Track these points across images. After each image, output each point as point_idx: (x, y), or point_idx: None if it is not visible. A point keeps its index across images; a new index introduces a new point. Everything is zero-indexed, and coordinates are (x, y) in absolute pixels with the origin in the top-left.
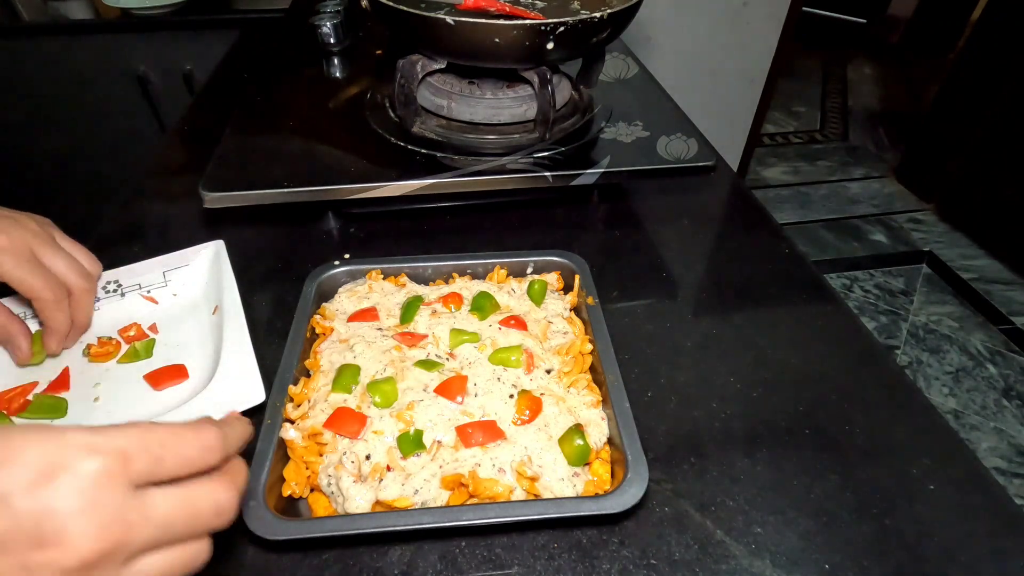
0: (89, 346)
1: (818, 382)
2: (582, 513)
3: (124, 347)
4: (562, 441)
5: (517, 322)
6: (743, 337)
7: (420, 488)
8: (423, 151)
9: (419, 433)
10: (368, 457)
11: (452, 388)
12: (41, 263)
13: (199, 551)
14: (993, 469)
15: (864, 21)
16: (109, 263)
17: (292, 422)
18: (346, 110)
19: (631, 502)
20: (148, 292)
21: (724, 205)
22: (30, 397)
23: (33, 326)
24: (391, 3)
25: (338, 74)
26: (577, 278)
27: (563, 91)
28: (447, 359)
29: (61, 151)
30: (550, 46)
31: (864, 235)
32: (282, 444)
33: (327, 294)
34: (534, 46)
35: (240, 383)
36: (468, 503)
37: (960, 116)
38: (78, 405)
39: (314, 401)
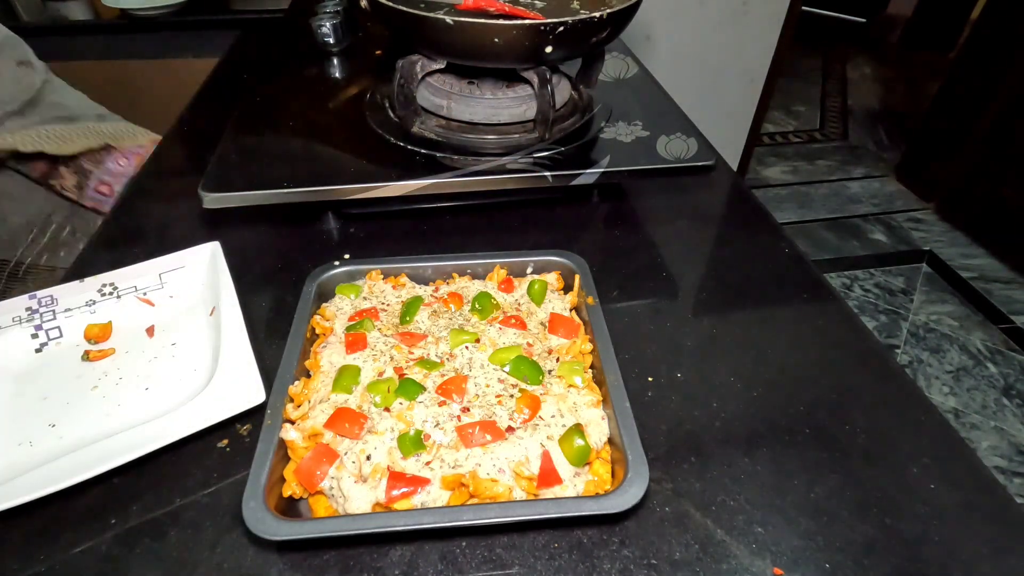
0: (87, 351)
1: (818, 382)
2: (583, 513)
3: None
4: (562, 441)
5: (517, 322)
6: (743, 337)
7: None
8: (423, 151)
9: (419, 433)
10: (369, 457)
11: (452, 388)
12: None
13: None
14: (993, 468)
15: (864, 20)
16: (110, 264)
17: (292, 422)
18: (346, 110)
19: (632, 502)
20: (144, 295)
21: (724, 205)
22: None
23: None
24: (391, 3)
25: (338, 74)
26: (577, 278)
27: (563, 91)
28: (447, 359)
29: None
30: (549, 47)
31: (864, 234)
32: (282, 444)
33: (327, 294)
34: (534, 46)
35: (239, 383)
36: (468, 503)
37: (960, 116)
38: (77, 405)
39: (314, 401)
